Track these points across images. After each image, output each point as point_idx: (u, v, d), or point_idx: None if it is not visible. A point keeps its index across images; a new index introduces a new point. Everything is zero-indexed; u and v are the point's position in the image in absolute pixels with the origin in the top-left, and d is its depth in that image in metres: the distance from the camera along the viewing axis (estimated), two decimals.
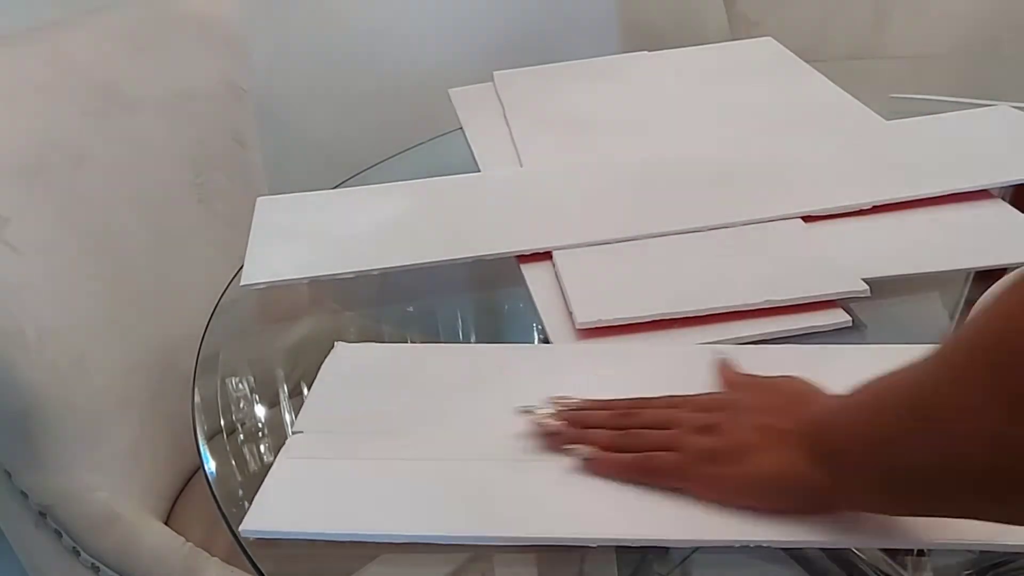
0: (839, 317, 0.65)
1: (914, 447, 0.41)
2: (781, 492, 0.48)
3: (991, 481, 0.38)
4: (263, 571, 0.53)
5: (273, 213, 0.85)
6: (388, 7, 1.53)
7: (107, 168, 0.90)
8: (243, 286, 0.75)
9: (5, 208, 0.78)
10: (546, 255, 0.75)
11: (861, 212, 0.76)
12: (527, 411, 0.56)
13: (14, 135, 0.82)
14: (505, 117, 1.01)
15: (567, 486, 0.53)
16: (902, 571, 0.50)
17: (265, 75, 1.29)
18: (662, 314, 0.66)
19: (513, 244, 0.76)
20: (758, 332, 0.65)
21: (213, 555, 0.81)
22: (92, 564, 0.82)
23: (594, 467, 0.53)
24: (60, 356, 0.79)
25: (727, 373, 0.58)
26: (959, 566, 0.50)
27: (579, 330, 0.66)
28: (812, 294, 0.66)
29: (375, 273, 0.75)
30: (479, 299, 0.83)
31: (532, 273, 0.74)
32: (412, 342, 0.74)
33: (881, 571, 0.50)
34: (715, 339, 0.64)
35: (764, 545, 0.49)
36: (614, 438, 0.53)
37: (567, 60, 1.13)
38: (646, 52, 1.12)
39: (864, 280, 0.66)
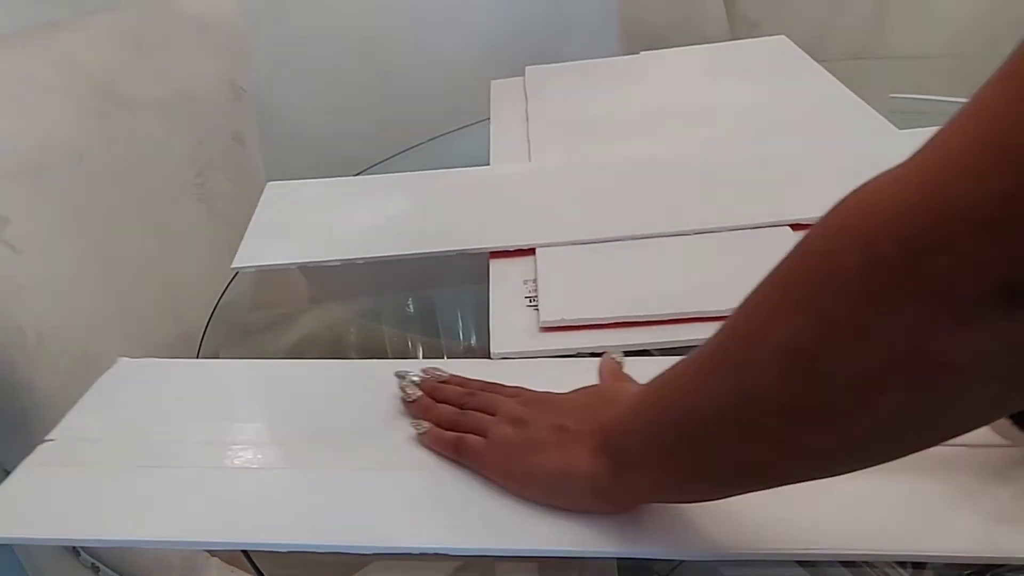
0: None
1: (699, 402, 0.41)
2: (562, 488, 0.49)
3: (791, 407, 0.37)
4: (263, 571, 0.53)
5: (278, 199, 0.85)
6: (388, 7, 1.53)
7: (107, 168, 0.90)
8: (233, 268, 0.75)
9: (5, 208, 0.78)
10: (530, 252, 0.75)
11: None
12: (400, 375, 0.59)
13: (14, 135, 0.82)
14: (526, 112, 1.01)
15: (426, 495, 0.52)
16: (902, 571, 0.50)
17: (265, 75, 1.29)
18: (622, 317, 0.65)
19: (491, 240, 0.76)
20: None
21: (213, 555, 0.81)
22: (92, 564, 0.82)
23: (424, 440, 0.55)
24: (60, 356, 0.79)
25: (605, 368, 0.57)
26: (959, 567, 0.50)
27: (542, 328, 0.65)
28: None
29: (360, 263, 0.75)
30: (480, 299, 0.82)
31: (500, 270, 0.73)
32: (411, 341, 0.74)
33: (881, 571, 0.50)
34: (679, 340, 0.63)
35: (751, 559, 0.48)
36: (451, 415, 0.55)
37: (566, 60, 1.13)
38: (680, 48, 1.13)
39: None
